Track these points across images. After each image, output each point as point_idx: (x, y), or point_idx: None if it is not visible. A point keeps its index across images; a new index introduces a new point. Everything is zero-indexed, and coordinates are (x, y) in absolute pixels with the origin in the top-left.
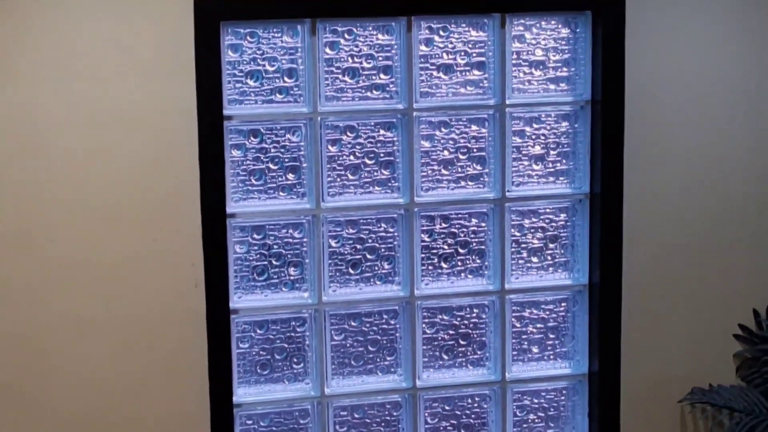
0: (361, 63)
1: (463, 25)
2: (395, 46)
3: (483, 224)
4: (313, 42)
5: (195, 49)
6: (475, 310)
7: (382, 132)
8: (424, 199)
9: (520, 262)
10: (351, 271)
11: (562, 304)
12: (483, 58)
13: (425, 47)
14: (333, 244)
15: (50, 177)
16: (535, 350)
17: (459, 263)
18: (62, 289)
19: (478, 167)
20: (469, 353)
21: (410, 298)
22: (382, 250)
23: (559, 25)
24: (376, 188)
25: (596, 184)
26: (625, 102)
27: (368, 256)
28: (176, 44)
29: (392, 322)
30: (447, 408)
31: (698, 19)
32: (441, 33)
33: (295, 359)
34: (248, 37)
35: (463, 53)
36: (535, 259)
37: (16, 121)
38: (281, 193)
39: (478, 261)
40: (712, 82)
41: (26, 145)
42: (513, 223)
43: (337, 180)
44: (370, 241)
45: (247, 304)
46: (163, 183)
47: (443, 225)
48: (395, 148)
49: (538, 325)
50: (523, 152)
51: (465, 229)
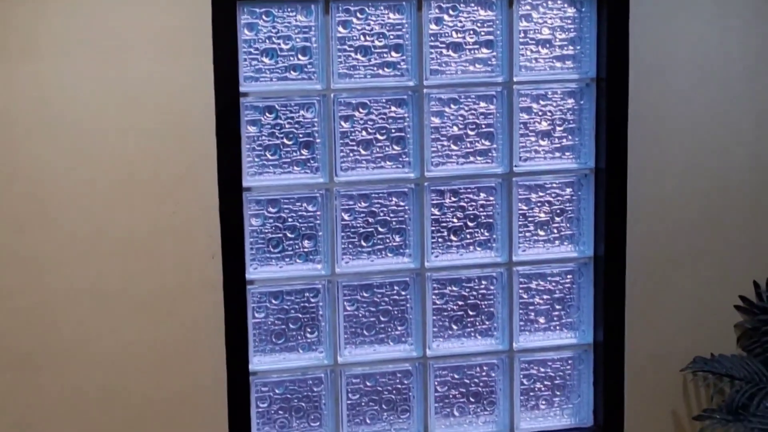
0: (372, 41)
1: (472, 4)
2: (406, 25)
3: (491, 198)
4: (327, 21)
5: (212, 29)
6: (484, 281)
7: (394, 108)
8: (434, 173)
9: (527, 235)
10: (363, 244)
11: (568, 276)
12: (491, 37)
13: (435, 26)
14: (346, 218)
15: (71, 152)
16: (541, 321)
17: (468, 236)
18: (82, 261)
19: (487, 143)
20: (477, 323)
21: (420, 269)
22: (394, 224)
23: (565, 5)
24: (388, 163)
25: (601, 160)
26: (629, 80)
27: (380, 229)
28: (194, 24)
29: (403, 293)
30: (456, 376)
31: None
32: (450, 12)
33: (309, 329)
34: (263, 17)
35: (471, 32)
36: (541, 232)
37: (38, 97)
38: (295, 168)
39: (486, 234)
40: (714, 60)
41: (48, 121)
42: (520, 197)
43: (350, 155)
44: (381, 214)
45: (263, 275)
46: (182, 158)
47: (453, 199)
48: (406, 124)
49: (545, 297)
50: (530, 128)
51: (474, 203)
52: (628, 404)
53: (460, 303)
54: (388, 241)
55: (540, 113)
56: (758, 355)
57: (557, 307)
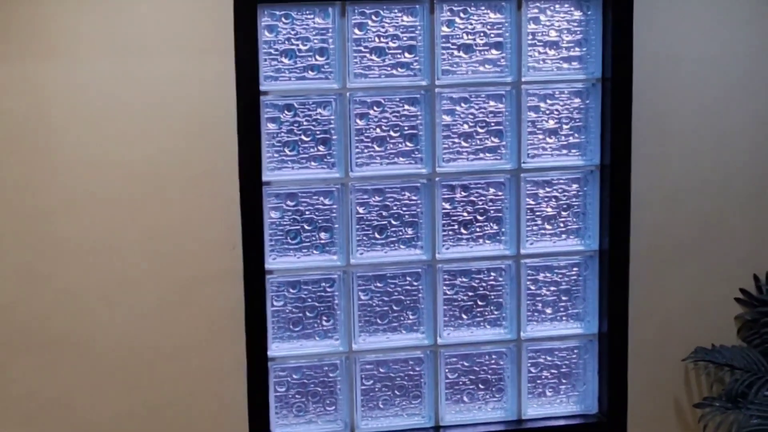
0: (387, 43)
1: (482, 7)
2: (419, 27)
3: (500, 193)
4: (343, 23)
5: (234, 30)
6: (493, 273)
7: (407, 107)
8: (445, 169)
9: (535, 228)
10: (377, 236)
11: (574, 268)
12: (500, 39)
13: (447, 28)
14: (360, 211)
15: (101, 146)
16: (548, 311)
17: (477, 229)
18: (112, 250)
19: (496, 140)
20: (486, 313)
21: (432, 261)
22: (406, 217)
23: (572, 8)
24: (401, 159)
25: (606, 157)
26: (633, 80)
27: (393, 222)
28: (217, 25)
29: (415, 284)
30: (466, 364)
31: (702, 1)
32: (461, 15)
33: (325, 317)
34: (283, 19)
35: (482, 34)
36: (548, 226)
37: (72, 94)
38: (313, 163)
39: (495, 227)
40: (715, 61)
41: (80, 117)
42: (528, 192)
43: (365, 151)
44: (394, 208)
45: (281, 266)
46: (205, 153)
47: (463, 194)
48: (418, 121)
49: (551, 288)
50: (538, 126)
51: (483, 198)
52: (632, 392)
53: (470, 293)
54: (400, 233)
55: (547, 112)
56: (757, 346)
57: (563, 298)
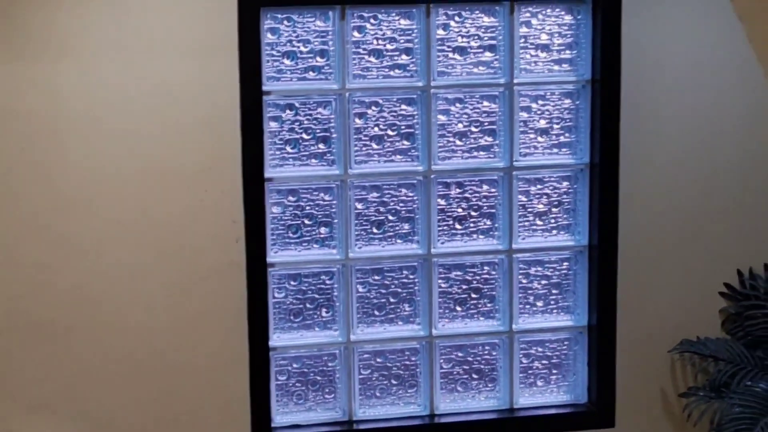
0: (384, 45)
1: (477, 11)
2: (415, 30)
3: (493, 190)
4: (343, 26)
5: (238, 32)
6: (486, 267)
7: (404, 107)
8: (441, 167)
9: (527, 224)
10: (375, 231)
11: (564, 263)
12: (494, 41)
13: (442, 31)
14: (359, 207)
15: (110, 144)
16: (539, 304)
17: (471, 225)
18: (120, 243)
19: (489, 139)
20: (480, 306)
21: (427, 255)
22: (403, 213)
23: (563, 12)
24: (398, 157)
25: (595, 155)
26: (621, 81)
27: (390, 218)
28: (222, 27)
29: (411, 277)
30: (460, 354)
31: (689, 5)
32: (456, 19)
33: (325, 308)
34: (285, 21)
35: (476, 37)
36: (540, 222)
37: (83, 94)
38: (313, 161)
39: (488, 223)
40: (701, 63)
41: (90, 116)
42: (520, 189)
43: (363, 149)
44: (392, 204)
45: (283, 259)
46: (209, 150)
47: (458, 190)
48: (415, 121)
49: (543, 282)
50: (530, 126)
51: (477, 195)
52: (620, 382)
53: (464, 287)
54: (397, 228)
55: (539, 112)
56: (741, 339)
57: (554, 291)
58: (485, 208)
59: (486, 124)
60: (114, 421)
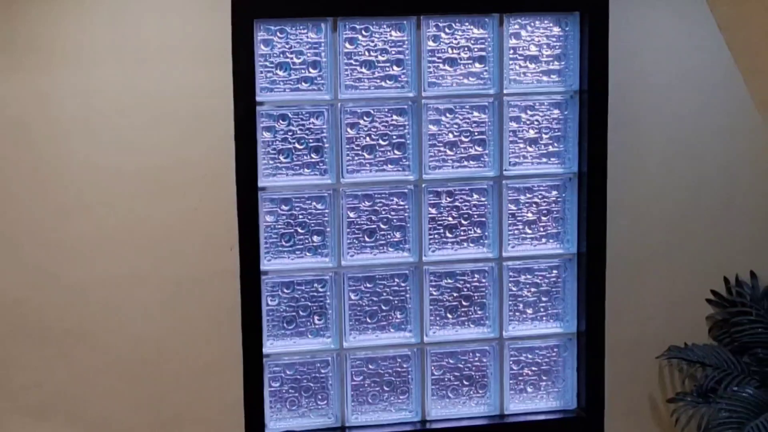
0: (376, 56)
1: (466, 23)
2: (406, 42)
3: (483, 199)
4: (335, 38)
5: (232, 44)
6: (476, 275)
7: (395, 117)
8: (432, 176)
9: (516, 232)
10: (367, 239)
11: (554, 270)
12: (483, 53)
13: (433, 43)
14: (351, 215)
15: (107, 152)
16: (529, 311)
17: (462, 233)
18: (118, 250)
19: (479, 149)
20: (470, 313)
21: (418, 263)
22: (394, 221)
23: (551, 24)
24: (389, 166)
25: (584, 165)
26: (609, 92)
27: (382, 226)
28: (216, 39)
29: (403, 285)
30: (451, 361)
31: (674, 18)
32: (447, 30)
33: (317, 316)
34: (278, 33)
35: (466, 48)
36: (529, 231)
37: (80, 103)
38: (306, 170)
39: (478, 231)
40: (686, 73)
41: (89, 123)
42: (510, 198)
43: (355, 159)
44: (383, 212)
45: (276, 267)
46: (204, 160)
47: (448, 199)
48: (406, 131)
49: (532, 289)
50: (519, 136)
51: (467, 203)
52: (609, 388)
53: (455, 294)
54: (389, 237)
55: (528, 122)
56: (727, 345)
57: (544, 299)
58: (475, 216)
59: (476, 134)
60: (109, 426)
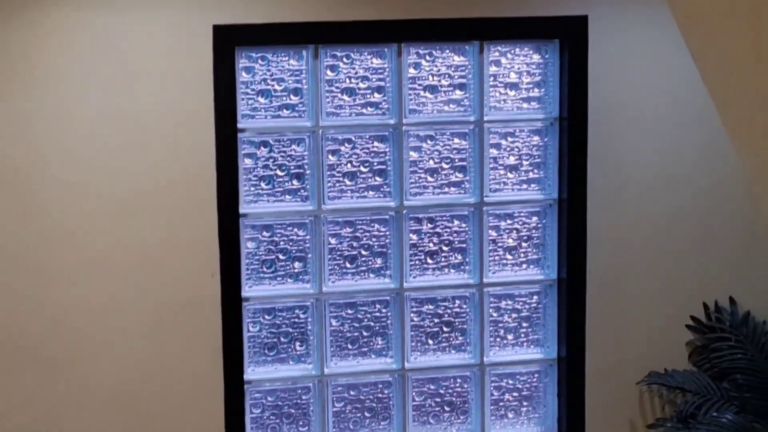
0: (357, 83)
1: (447, 51)
2: (387, 69)
3: (464, 225)
4: (316, 65)
5: (213, 71)
6: (457, 300)
7: (376, 144)
8: (413, 202)
9: (497, 258)
10: (348, 265)
11: (534, 296)
12: (464, 80)
13: (413, 70)
14: (332, 242)
15: (89, 179)
16: (510, 337)
17: (443, 259)
18: (98, 277)
19: (460, 175)
20: (451, 339)
21: (400, 289)
22: (376, 248)
23: (531, 52)
24: (370, 193)
25: (564, 191)
26: (588, 118)
27: (363, 253)
28: (197, 66)
29: (384, 311)
30: (432, 387)
31: (653, 46)
32: (427, 58)
33: (299, 342)
34: (259, 60)
35: (446, 75)
36: (510, 257)
37: (60, 129)
38: (287, 196)
39: (459, 257)
40: (664, 101)
41: (69, 150)
42: (490, 224)
43: (336, 185)
44: (364, 239)
45: (257, 293)
46: (185, 187)
47: (429, 225)
48: (387, 158)
49: (513, 315)
50: (500, 162)
51: (448, 230)
52: (589, 414)
53: (436, 320)
54: (370, 263)
55: (508, 149)
56: (707, 370)
57: (524, 324)
58: (456, 242)
59: (456, 160)
60: None
